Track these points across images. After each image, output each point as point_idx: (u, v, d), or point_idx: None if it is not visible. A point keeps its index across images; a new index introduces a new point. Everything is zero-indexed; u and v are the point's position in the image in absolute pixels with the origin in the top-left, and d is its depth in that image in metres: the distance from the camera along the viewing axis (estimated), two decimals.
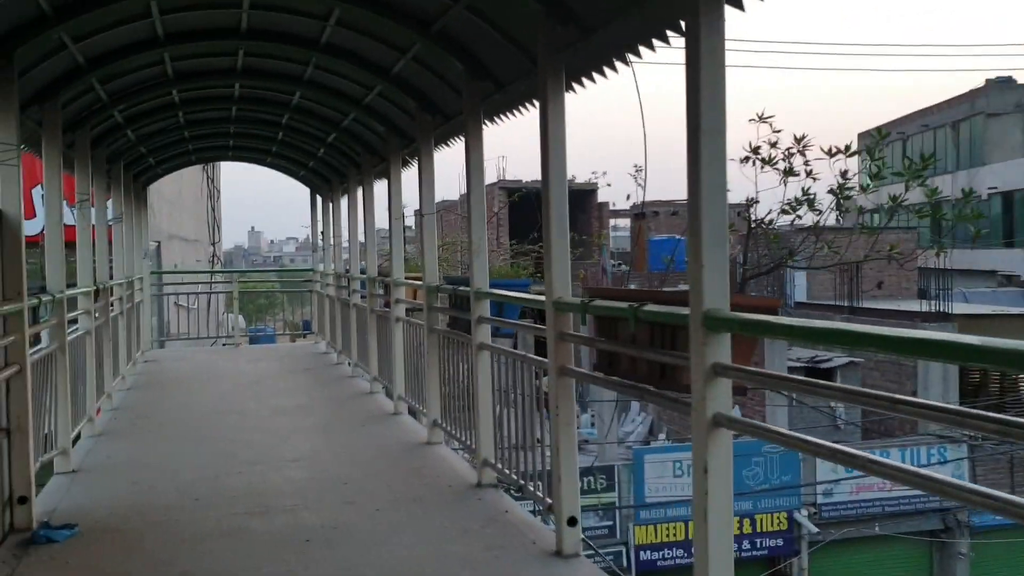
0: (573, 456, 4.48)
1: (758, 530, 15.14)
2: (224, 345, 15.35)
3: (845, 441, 15.62)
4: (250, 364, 12.13)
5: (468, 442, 5.95)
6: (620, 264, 26.66)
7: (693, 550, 3.23)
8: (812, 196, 14.54)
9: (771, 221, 15.17)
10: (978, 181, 25.00)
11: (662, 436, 17.95)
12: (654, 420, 18.06)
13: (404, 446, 6.85)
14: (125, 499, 5.50)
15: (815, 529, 15.19)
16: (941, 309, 17.21)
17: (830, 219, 15.79)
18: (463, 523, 4.92)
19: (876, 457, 2.69)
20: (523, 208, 24.08)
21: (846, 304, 18.87)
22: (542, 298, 4.47)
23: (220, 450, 6.79)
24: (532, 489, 5.04)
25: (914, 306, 18.94)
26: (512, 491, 5.56)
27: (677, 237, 24.48)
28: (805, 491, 15.06)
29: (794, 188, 14.61)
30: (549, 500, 4.69)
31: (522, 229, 23.18)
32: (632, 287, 18.32)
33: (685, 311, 3.21)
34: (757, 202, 15.10)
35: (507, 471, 5.33)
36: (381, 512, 5.13)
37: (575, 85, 4.41)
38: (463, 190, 26.56)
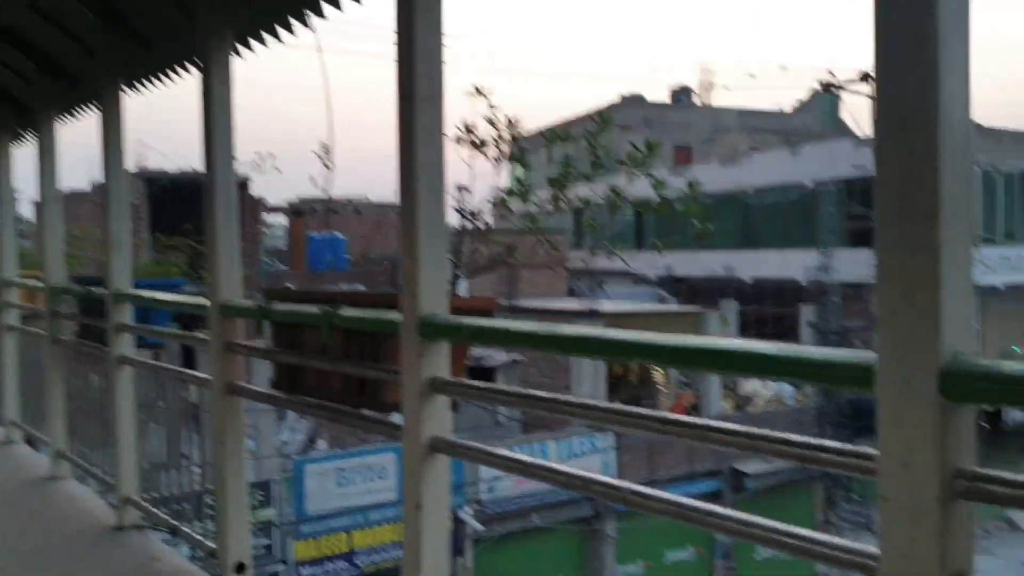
0: (242, 491, 3.75)
1: None
2: None
3: (506, 437, 15.98)
4: None
5: (105, 476, 4.91)
6: (277, 263, 25.44)
7: None
8: (528, 186, 12.93)
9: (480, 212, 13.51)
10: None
11: (322, 443, 17.24)
12: (313, 427, 17.27)
13: (20, 483, 5.58)
14: None
15: (480, 527, 15.30)
16: (592, 308, 18.23)
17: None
18: None
19: (613, 480, 2.37)
20: (167, 200, 22.07)
21: (507, 304, 19.39)
22: (205, 301, 3.68)
23: None
24: (189, 531, 4.22)
25: (566, 305, 19.96)
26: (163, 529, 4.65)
27: (337, 235, 23.80)
28: (470, 489, 15.14)
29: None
30: (212, 544, 3.92)
31: (166, 223, 21.16)
32: (267, 288, 17.32)
33: (395, 317, 2.66)
34: (469, 190, 13.49)
35: (156, 510, 4.44)
36: None
37: (247, 47, 3.66)
38: (94, 178, 23.81)
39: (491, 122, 12.95)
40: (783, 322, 23.83)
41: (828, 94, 23.39)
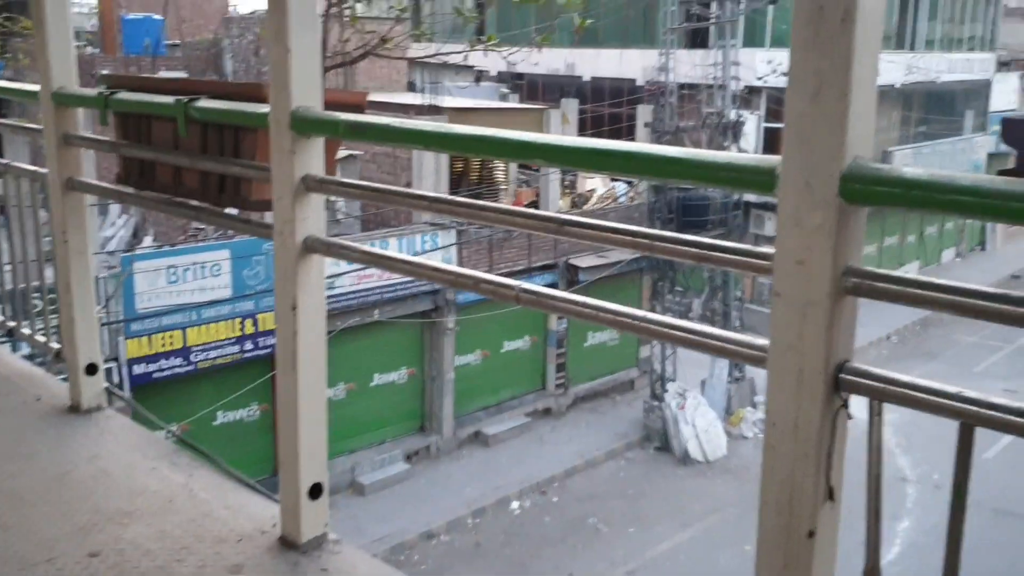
0: (87, 292, 3.60)
1: (260, 329, 14.91)
2: None
3: (345, 234, 15.83)
4: None
5: None
6: (86, 45, 23.27)
7: (278, 403, 2.66)
8: None
9: None
10: None
11: (148, 239, 16.54)
12: (138, 222, 16.49)
13: None
14: None
15: None
16: (434, 103, 17.83)
17: None
18: None
19: (494, 277, 2.28)
20: None
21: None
22: (34, 87, 3.35)
23: None
24: (28, 333, 4.03)
25: (407, 99, 19.42)
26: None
27: (155, 16, 21.88)
28: None
29: None
30: (56, 345, 3.77)
31: None
32: (105, 73, 15.97)
33: (263, 109, 2.50)
34: None
35: None
36: None
37: None
38: None
39: None
40: (620, 121, 24.21)
41: None
